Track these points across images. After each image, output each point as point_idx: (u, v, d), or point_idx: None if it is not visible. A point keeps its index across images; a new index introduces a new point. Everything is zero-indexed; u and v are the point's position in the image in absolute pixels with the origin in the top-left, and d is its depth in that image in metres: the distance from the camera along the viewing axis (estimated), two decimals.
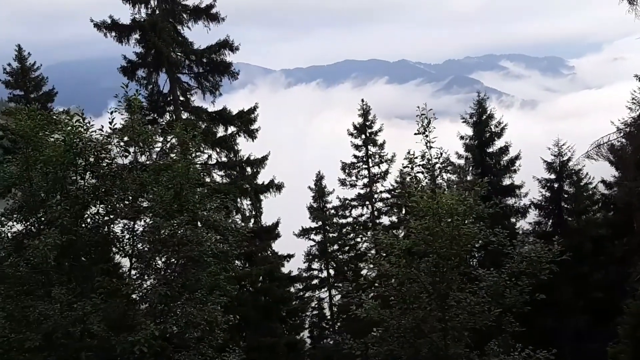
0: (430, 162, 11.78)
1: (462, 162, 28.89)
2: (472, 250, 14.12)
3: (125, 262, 11.75)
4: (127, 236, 11.22)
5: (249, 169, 25.12)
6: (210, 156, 23.66)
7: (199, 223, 11.86)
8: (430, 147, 11.56)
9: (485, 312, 10.85)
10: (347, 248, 35.10)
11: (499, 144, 28.23)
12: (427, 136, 11.43)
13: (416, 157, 11.77)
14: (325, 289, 35.92)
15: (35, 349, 9.79)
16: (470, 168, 28.62)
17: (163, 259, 11.26)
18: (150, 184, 10.84)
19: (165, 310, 10.69)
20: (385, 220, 34.28)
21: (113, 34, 22.30)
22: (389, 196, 33.88)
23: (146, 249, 10.95)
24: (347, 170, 33.87)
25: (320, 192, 35.07)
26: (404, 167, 12.34)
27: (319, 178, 35.27)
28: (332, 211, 35.17)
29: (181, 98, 23.58)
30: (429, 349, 10.96)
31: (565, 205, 27.57)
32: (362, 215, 34.48)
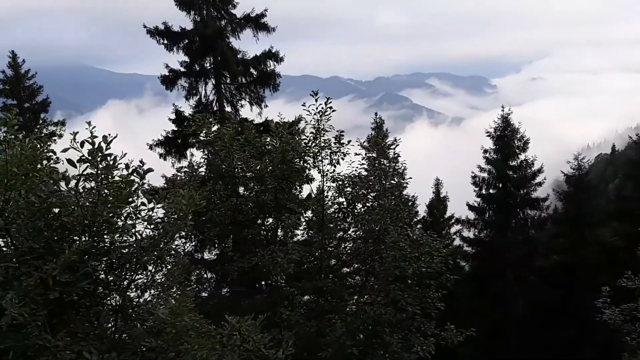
0: None
1: (484, 175, 29.54)
2: None
3: None
4: None
5: None
6: None
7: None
8: None
9: None
10: None
11: (522, 157, 29.01)
12: None
13: None
14: None
15: None
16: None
17: None
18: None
19: None
20: None
21: (165, 41, 21.30)
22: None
23: None
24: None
25: None
26: None
27: None
28: None
29: (228, 109, 22.79)
30: None
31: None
32: None
